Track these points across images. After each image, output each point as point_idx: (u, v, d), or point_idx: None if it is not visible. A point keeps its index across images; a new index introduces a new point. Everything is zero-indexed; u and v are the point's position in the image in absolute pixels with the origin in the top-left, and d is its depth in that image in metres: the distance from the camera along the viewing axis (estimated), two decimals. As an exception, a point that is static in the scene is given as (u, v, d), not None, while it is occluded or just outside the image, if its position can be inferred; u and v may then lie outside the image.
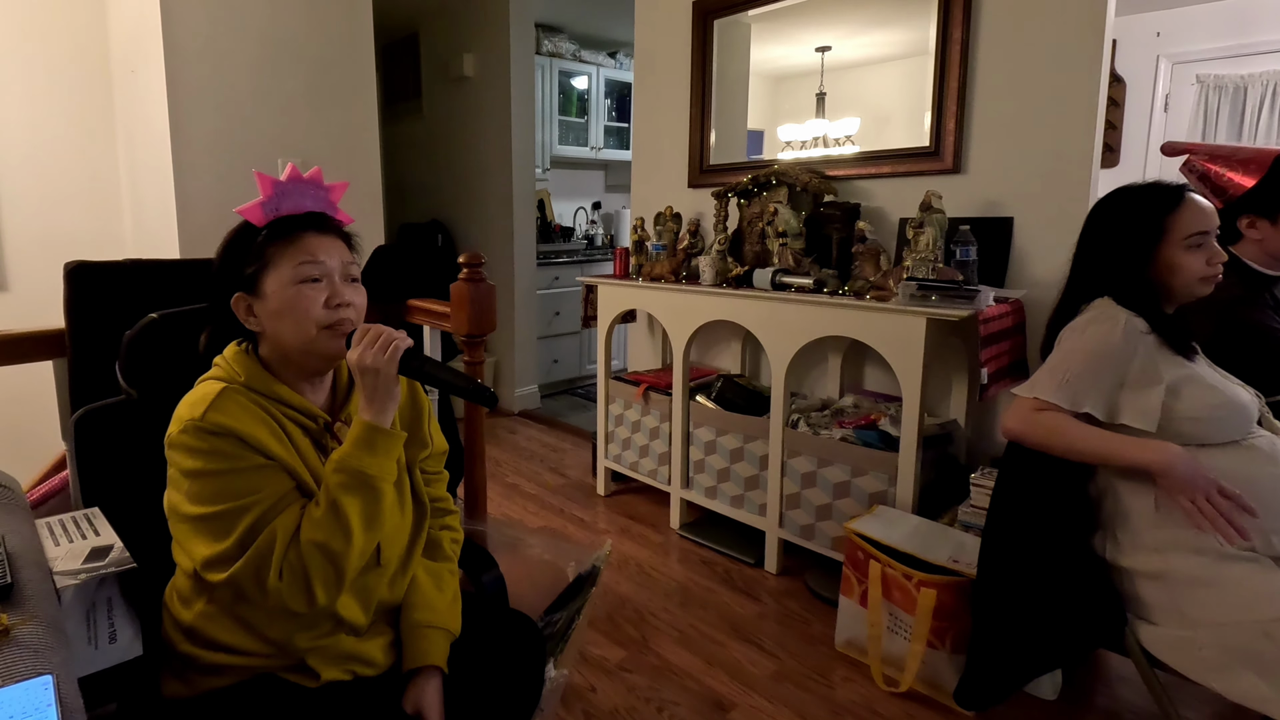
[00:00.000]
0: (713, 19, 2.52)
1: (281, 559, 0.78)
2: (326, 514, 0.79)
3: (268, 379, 0.86)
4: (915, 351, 1.69)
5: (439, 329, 1.73)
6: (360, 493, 0.81)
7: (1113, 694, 1.55)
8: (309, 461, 0.86)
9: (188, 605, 0.85)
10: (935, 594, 1.45)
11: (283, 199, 0.87)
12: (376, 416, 0.83)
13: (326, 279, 0.86)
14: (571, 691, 1.54)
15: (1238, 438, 1.13)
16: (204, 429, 0.78)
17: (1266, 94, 3.47)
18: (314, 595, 0.78)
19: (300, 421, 0.87)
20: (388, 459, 0.83)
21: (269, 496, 0.80)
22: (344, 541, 0.79)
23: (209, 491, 0.78)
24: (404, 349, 0.83)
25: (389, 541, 0.90)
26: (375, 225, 2.72)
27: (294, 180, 0.88)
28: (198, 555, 0.79)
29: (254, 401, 0.84)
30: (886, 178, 2.12)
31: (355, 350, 0.82)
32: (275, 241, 0.85)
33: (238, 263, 0.86)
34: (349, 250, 0.91)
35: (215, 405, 0.80)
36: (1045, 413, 1.16)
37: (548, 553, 1.45)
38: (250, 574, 0.77)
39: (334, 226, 0.91)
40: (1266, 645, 0.99)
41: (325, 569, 0.78)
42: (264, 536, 0.78)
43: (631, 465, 2.54)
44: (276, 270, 0.85)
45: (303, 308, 0.84)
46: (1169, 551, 1.11)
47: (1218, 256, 1.18)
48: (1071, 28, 1.74)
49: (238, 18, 2.30)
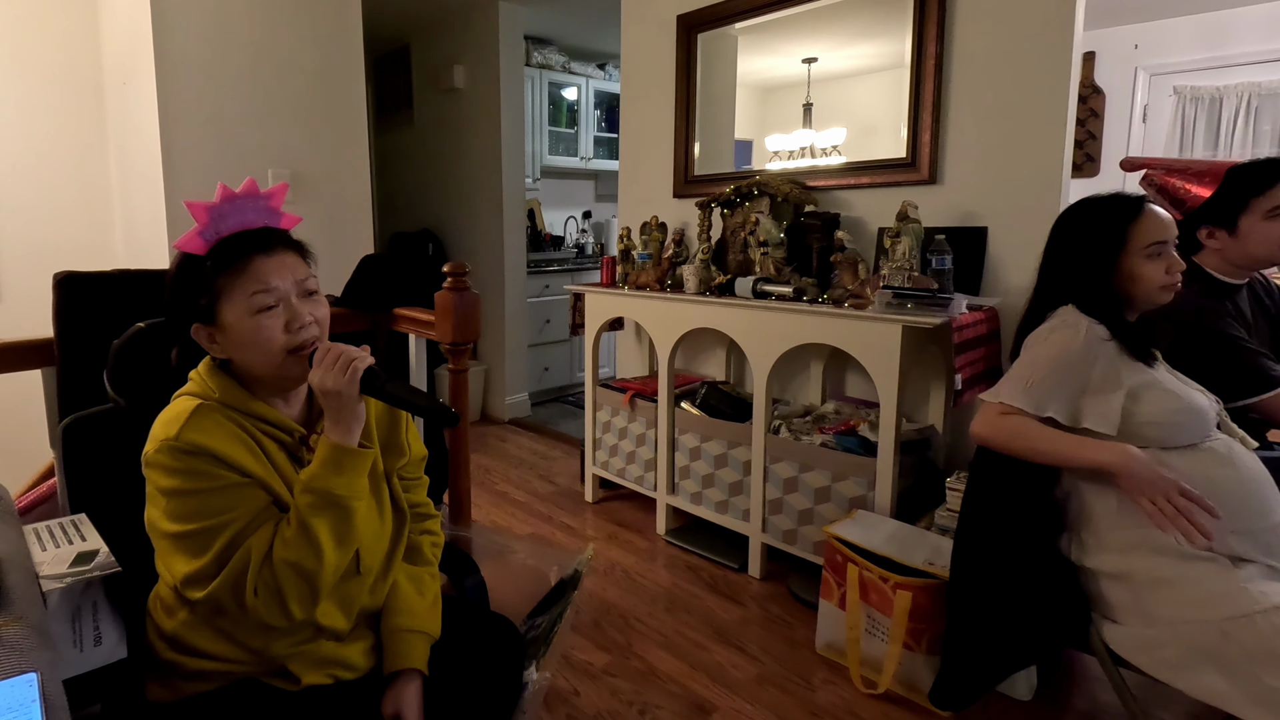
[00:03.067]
0: (697, 33, 2.56)
1: (256, 577, 0.79)
2: (297, 534, 0.80)
3: (243, 395, 0.86)
4: (891, 358, 1.73)
5: (424, 337, 1.75)
6: (329, 512, 0.81)
7: (1087, 694, 1.58)
8: (285, 475, 0.86)
9: (170, 614, 0.87)
10: (911, 596, 1.48)
11: (221, 221, 0.84)
12: (342, 437, 0.83)
13: (282, 303, 0.84)
14: (555, 695, 1.56)
15: (1196, 441, 1.16)
16: (179, 448, 0.79)
17: (1242, 105, 3.55)
18: (289, 611, 0.80)
19: (275, 436, 0.88)
20: (356, 477, 0.83)
21: (245, 514, 0.81)
22: (316, 560, 0.80)
23: (186, 510, 0.79)
24: (364, 369, 0.82)
25: (368, 549, 0.91)
26: (365, 235, 2.75)
27: (227, 200, 0.85)
28: (177, 572, 0.80)
29: (229, 418, 0.84)
30: (866, 188, 2.16)
31: (316, 372, 0.82)
32: (223, 272, 0.83)
33: (189, 295, 0.85)
34: (302, 263, 0.89)
35: (190, 424, 0.80)
36: (1009, 417, 1.20)
37: (531, 558, 1.47)
38: (228, 591, 0.79)
39: (281, 240, 0.88)
40: (1224, 643, 1.02)
41: (299, 586, 0.79)
42: (240, 554, 0.79)
43: (619, 472, 2.57)
44: (230, 301, 0.83)
45: (264, 338, 0.83)
46: (1131, 552, 1.14)
47: (1176, 265, 1.22)
48: (1042, 42, 1.79)
49: (229, 30, 2.33)
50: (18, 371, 1.27)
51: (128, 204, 2.62)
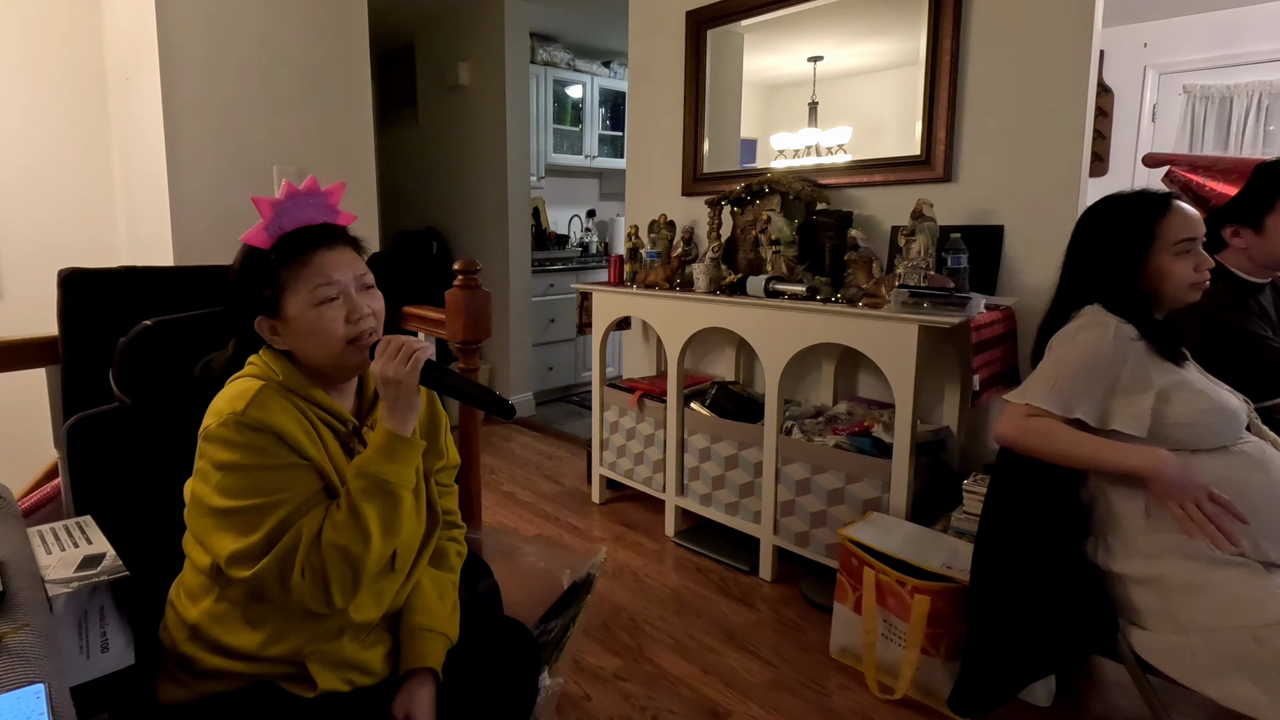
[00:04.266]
0: (706, 29, 2.54)
1: (305, 558, 0.79)
2: (347, 518, 0.81)
3: (303, 381, 0.88)
4: (907, 358, 1.70)
5: (434, 335, 1.73)
6: (379, 498, 0.82)
7: (1106, 700, 1.56)
8: (337, 463, 0.88)
9: (195, 601, 0.86)
10: (929, 600, 1.46)
11: (284, 217, 0.88)
12: (398, 425, 0.85)
13: (343, 295, 0.87)
14: (566, 700, 1.54)
15: (1227, 443, 1.14)
16: (245, 423, 0.80)
17: (1252, 104, 3.52)
18: (331, 596, 0.80)
19: (331, 424, 0.89)
20: (407, 466, 0.85)
21: (298, 495, 0.82)
22: (363, 545, 0.81)
23: (242, 486, 0.80)
24: (425, 360, 0.85)
25: (403, 547, 0.91)
26: (370, 233, 2.72)
27: (291, 196, 0.88)
28: (222, 550, 0.80)
29: (290, 401, 0.86)
30: (878, 186, 2.14)
31: (378, 362, 0.84)
32: (287, 265, 0.86)
33: (253, 288, 0.88)
34: (359, 258, 0.93)
35: (256, 401, 0.81)
36: (1037, 419, 1.17)
37: (542, 560, 1.45)
38: (274, 571, 0.79)
39: (340, 236, 0.92)
40: (1257, 650, 1.00)
41: (344, 571, 0.80)
42: (290, 535, 0.80)
43: (626, 473, 2.54)
44: (293, 294, 0.86)
45: (325, 329, 0.86)
46: (1160, 557, 1.12)
47: (1205, 263, 1.19)
48: (1059, 39, 1.76)
49: (233, 26, 2.31)
50: (21, 370, 1.24)
51: (131, 200, 2.59)
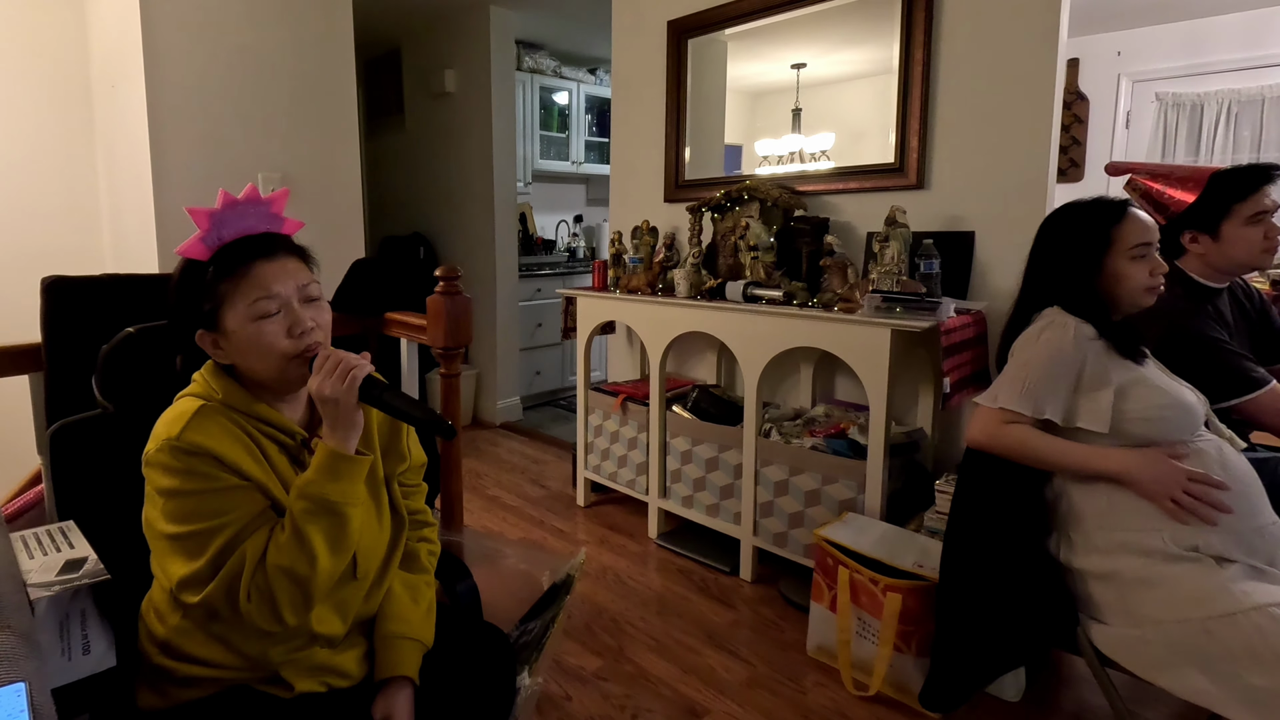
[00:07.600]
0: (687, 39, 2.58)
1: (250, 581, 0.78)
2: (290, 540, 0.79)
3: (245, 397, 0.86)
4: (881, 362, 1.74)
5: (416, 341, 1.75)
6: (324, 519, 0.80)
7: (1075, 695, 1.60)
8: (284, 478, 0.86)
9: (163, 620, 0.86)
10: (901, 598, 1.49)
11: (222, 227, 0.84)
12: (339, 444, 0.82)
13: (284, 309, 0.84)
14: (547, 700, 1.56)
15: (1184, 438, 1.18)
16: (180, 448, 0.78)
17: (1222, 111, 3.61)
18: (282, 617, 0.79)
19: (277, 438, 0.88)
20: (352, 484, 0.83)
21: (242, 517, 0.80)
22: (309, 566, 0.79)
23: (184, 510, 0.79)
24: (363, 377, 0.82)
25: (366, 554, 0.90)
26: (356, 238, 2.74)
27: (229, 206, 0.85)
28: (173, 574, 0.80)
29: (231, 420, 0.84)
30: (854, 193, 2.18)
31: (315, 379, 0.82)
32: (225, 277, 0.83)
33: (192, 302, 0.85)
34: (305, 268, 0.89)
35: (192, 424, 0.80)
36: (1011, 426, 1.21)
37: (523, 563, 1.47)
38: (222, 595, 0.78)
39: (283, 246, 0.88)
40: (1208, 642, 1.03)
41: (292, 591, 0.79)
42: (234, 558, 0.79)
43: (610, 475, 2.57)
44: (232, 307, 0.83)
45: (266, 343, 0.83)
46: (1117, 553, 1.15)
47: (1160, 268, 1.24)
48: (1028, 50, 1.81)
49: (219, 33, 2.32)
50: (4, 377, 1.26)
51: (116, 208, 2.60)
